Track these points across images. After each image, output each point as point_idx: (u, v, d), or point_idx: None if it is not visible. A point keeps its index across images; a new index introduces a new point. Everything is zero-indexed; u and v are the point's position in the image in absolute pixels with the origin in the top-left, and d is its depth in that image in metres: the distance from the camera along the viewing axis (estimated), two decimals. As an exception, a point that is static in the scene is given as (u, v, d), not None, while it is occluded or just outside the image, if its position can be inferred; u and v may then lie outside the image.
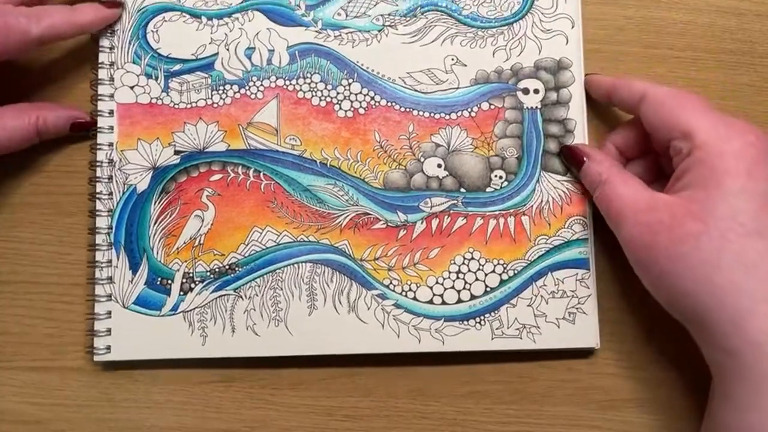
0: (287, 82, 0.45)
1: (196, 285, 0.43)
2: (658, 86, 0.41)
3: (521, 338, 0.43)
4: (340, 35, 0.45)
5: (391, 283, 0.44)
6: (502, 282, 0.44)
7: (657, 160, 0.43)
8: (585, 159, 0.42)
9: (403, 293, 0.44)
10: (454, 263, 0.44)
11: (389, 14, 0.45)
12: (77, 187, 0.45)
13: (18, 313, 0.44)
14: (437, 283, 0.44)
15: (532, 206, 0.44)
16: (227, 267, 0.44)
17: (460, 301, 0.44)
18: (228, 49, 0.45)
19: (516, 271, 0.44)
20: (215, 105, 0.45)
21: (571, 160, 0.43)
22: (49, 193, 0.45)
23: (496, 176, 0.45)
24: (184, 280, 0.43)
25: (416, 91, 0.45)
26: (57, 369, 0.44)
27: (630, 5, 0.47)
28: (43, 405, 0.44)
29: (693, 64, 0.47)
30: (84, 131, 0.44)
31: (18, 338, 0.44)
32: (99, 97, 0.44)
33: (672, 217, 0.36)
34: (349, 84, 0.45)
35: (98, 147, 0.44)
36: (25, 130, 0.42)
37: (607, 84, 0.43)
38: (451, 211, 0.44)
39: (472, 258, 0.44)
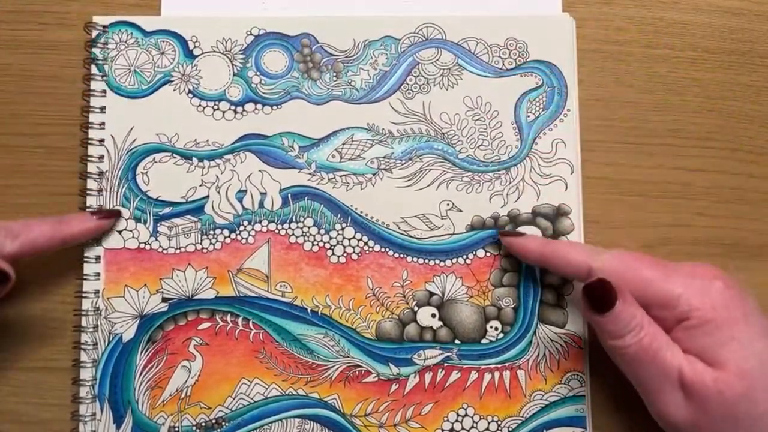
0: (279, 227, 0.44)
1: (181, 440, 0.42)
2: (599, 256, 0.38)
3: (515, 499, 0.42)
4: (334, 178, 0.44)
5: (382, 441, 0.43)
6: (496, 441, 0.43)
7: None
8: (618, 298, 0.36)
9: (394, 452, 0.42)
10: (447, 420, 0.43)
11: (384, 157, 0.44)
12: (76, 188, 0.44)
13: (18, 313, 0.44)
14: (429, 441, 0.43)
15: (528, 360, 0.43)
16: (214, 421, 0.42)
17: (452, 459, 0.42)
18: (219, 192, 0.44)
19: (510, 429, 0.43)
20: (205, 250, 0.44)
21: (601, 298, 0.36)
22: (49, 194, 0.45)
23: (491, 327, 0.43)
24: (169, 435, 0.42)
25: (410, 236, 0.44)
26: (57, 369, 0.43)
27: (630, 5, 0.47)
28: (43, 405, 0.43)
29: (693, 64, 0.46)
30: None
31: (18, 338, 0.44)
32: (86, 243, 0.43)
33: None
34: (343, 228, 0.44)
35: (84, 295, 0.43)
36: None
37: (534, 253, 0.41)
38: (446, 364, 0.43)
39: (466, 414, 0.43)
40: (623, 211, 0.45)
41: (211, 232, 0.44)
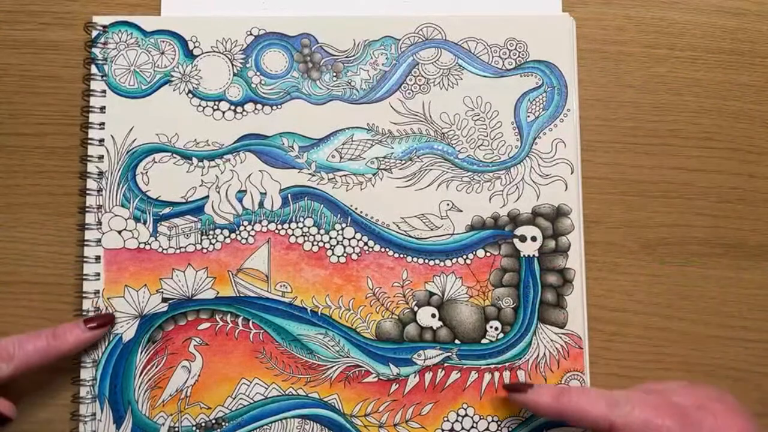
0: (279, 227, 0.44)
1: (181, 440, 0.42)
2: (620, 410, 0.36)
3: (515, 499, 0.42)
4: (334, 178, 0.44)
5: (381, 441, 0.43)
6: (496, 441, 0.43)
7: None
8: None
9: (394, 453, 0.42)
10: (447, 420, 0.43)
11: (384, 157, 0.44)
12: (76, 188, 0.44)
13: (18, 313, 0.44)
14: (429, 441, 0.43)
15: (528, 360, 0.43)
16: (213, 421, 0.42)
17: (452, 459, 0.43)
18: (219, 192, 0.44)
19: (510, 429, 0.43)
20: (205, 250, 0.44)
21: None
22: (49, 194, 0.45)
23: (491, 327, 0.43)
24: (169, 435, 0.42)
25: (410, 236, 0.44)
26: (57, 369, 0.43)
27: (630, 5, 0.47)
28: (43, 405, 0.43)
29: (693, 64, 0.46)
30: None
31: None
32: (85, 243, 0.43)
33: None
34: (342, 228, 0.44)
35: (84, 295, 0.43)
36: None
37: (547, 408, 0.38)
38: (446, 364, 0.43)
39: (466, 414, 0.43)
40: (623, 211, 0.45)
41: (211, 232, 0.44)
